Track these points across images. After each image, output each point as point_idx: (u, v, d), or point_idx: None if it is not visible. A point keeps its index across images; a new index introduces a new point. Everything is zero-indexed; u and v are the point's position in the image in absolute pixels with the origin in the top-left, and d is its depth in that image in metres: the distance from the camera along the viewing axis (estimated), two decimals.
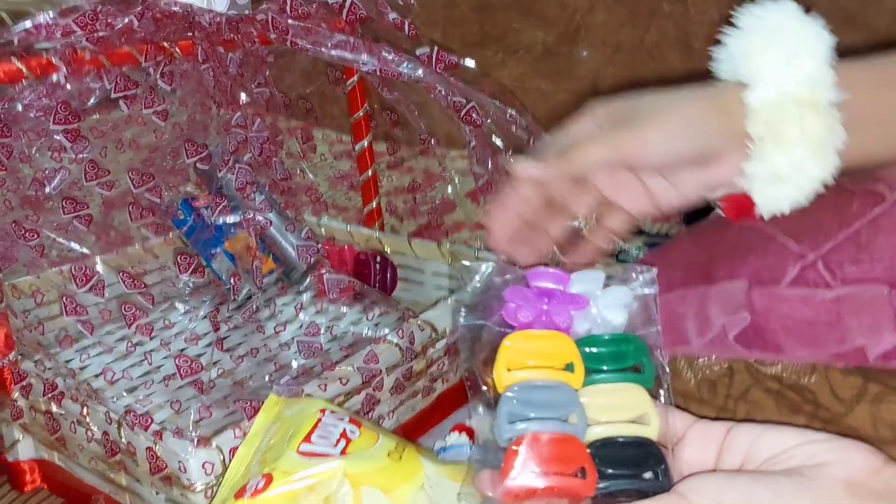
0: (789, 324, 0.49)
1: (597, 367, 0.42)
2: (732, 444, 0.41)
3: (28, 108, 0.66)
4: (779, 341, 0.49)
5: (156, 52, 0.71)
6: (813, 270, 0.50)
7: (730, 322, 0.50)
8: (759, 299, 0.50)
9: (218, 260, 0.86)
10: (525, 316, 0.43)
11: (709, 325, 0.51)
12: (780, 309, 0.49)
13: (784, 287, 0.50)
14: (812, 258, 0.50)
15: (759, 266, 0.52)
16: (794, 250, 0.51)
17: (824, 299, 0.48)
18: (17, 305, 0.77)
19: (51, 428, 0.76)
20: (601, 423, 0.41)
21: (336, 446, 0.62)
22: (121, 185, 0.76)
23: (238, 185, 0.75)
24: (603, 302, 0.44)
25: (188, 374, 0.68)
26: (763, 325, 0.49)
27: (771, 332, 0.49)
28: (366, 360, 0.78)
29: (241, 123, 0.75)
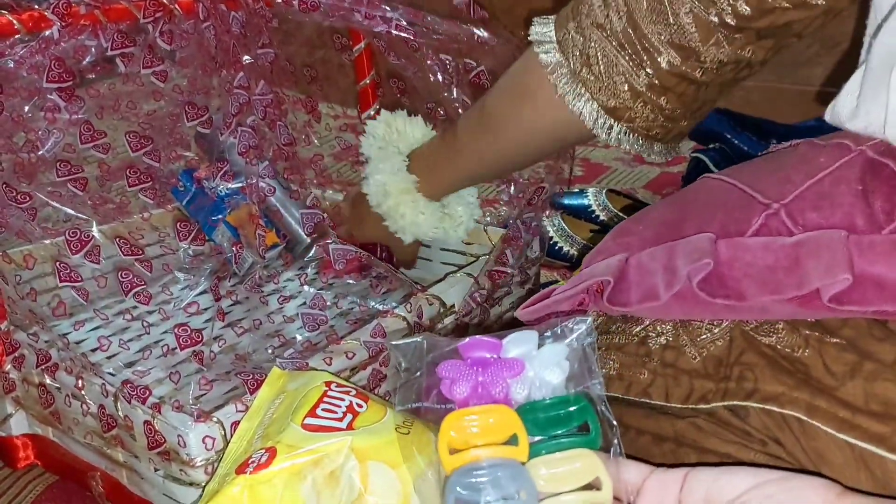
0: (752, 271, 0.49)
1: (542, 434, 0.43)
2: (691, 492, 0.42)
3: (20, 64, 0.63)
4: (741, 288, 0.50)
5: (154, 9, 0.68)
6: (776, 219, 0.51)
7: (693, 269, 0.50)
8: (724, 250, 0.51)
9: (219, 230, 0.84)
10: (461, 391, 0.42)
11: (675, 276, 0.51)
12: (743, 257, 0.50)
13: (748, 237, 0.51)
14: (776, 208, 0.52)
15: (727, 220, 0.53)
16: (761, 202, 0.53)
17: (784, 245, 0.49)
18: (10, 274, 0.75)
19: (44, 401, 0.74)
20: (552, 495, 0.41)
21: (342, 420, 0.60)
22: (118, 149, 0.74)
23: (241, 149, 0.72)
24: (539, 362, 0.44)
25: (188, 345, 0.66)
26: (727, 274, 0.50)
27: (734, 280, 0.50)
28: (372, 333, 0.76)
29: (244, 85, 0.72)
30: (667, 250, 0.53)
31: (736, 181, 0.56)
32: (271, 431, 0.60)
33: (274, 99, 0.76)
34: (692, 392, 0.53)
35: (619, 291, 0.55)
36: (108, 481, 0.74)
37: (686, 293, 0.51)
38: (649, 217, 0.59)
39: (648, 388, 0.56)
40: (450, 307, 0.85)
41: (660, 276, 0.52)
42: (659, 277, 0.52)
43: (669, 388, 0.54)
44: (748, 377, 0.51)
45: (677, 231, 0.54)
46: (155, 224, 0.92)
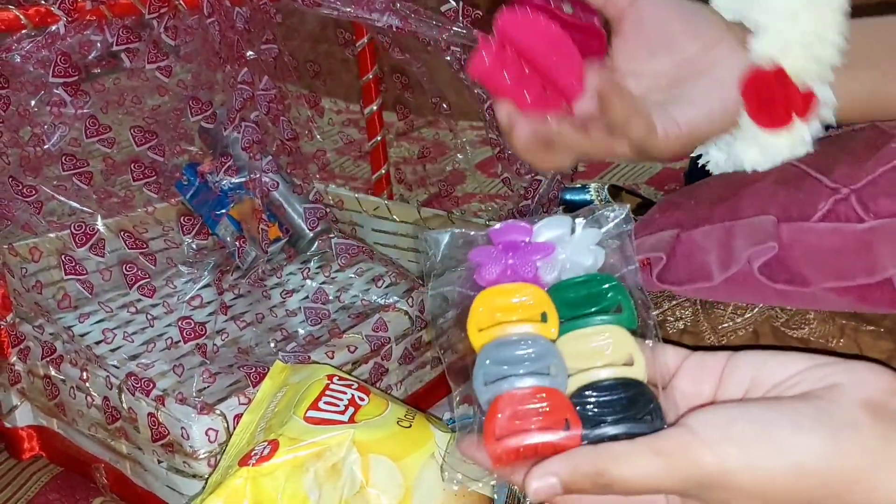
0: (816, 255, 0.47)
1: (572, 314, 0.41)
2: (734, 373, 0.39)
3: (26, 59, 0.63)
4: (804, 272, 0.47)
5: (159, 4, 0.68)
6: (845, 204, 0.48)
7: (755, 252, 0.48)
8: (787, 233, 0.48)
9: (222, 224, 0.84)
10: (490, 273, 0.41)
11: (733, 257, 0.49)
12: (807, 241, 0.47)
13: (814, 222, 0.48)
14: (845, 192, 0.48)
15: (789, 202, 0.50)
16: (827, 185, 0.49)
17: (855, 229, 0.46)
18: (15, 267, 0.75)
19: (49, 393, 0.75)
20: (582, 370, 0.39)
21: (344, 413, 0.60)
22: (122, 144, 0.74)
23: (244, 143, 0.72)
24: (572, 246, 0.42)
25: (191, 338, 0.67)
26: (788, 256, 0.47)
27: (796, 263, 0.47)
28: (374, 327, 0.76)
29: (248, 80, 0.72)
30: (724, 230, 0.50)
31: (799, 162, 0.52)
32: (274, 424, 0.61)
33: (277, 94, 0.77)
34: None
35: (668, 269, 0.52)
36: (112, 473, 0.75)
37: (741, 277, 0.49)
38: (702, 193, 0.55)
39: None
40: (452, 301, 0.85)
41: (714, 255, 0.50)
42: (713, 257, 0.50)
43: None
44: None
45: (734, 210, 0.51)
46: (159, 218, 0.92)
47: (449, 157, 1.27)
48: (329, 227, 0.84)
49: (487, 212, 1.13)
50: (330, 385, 0.63)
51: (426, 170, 1.04)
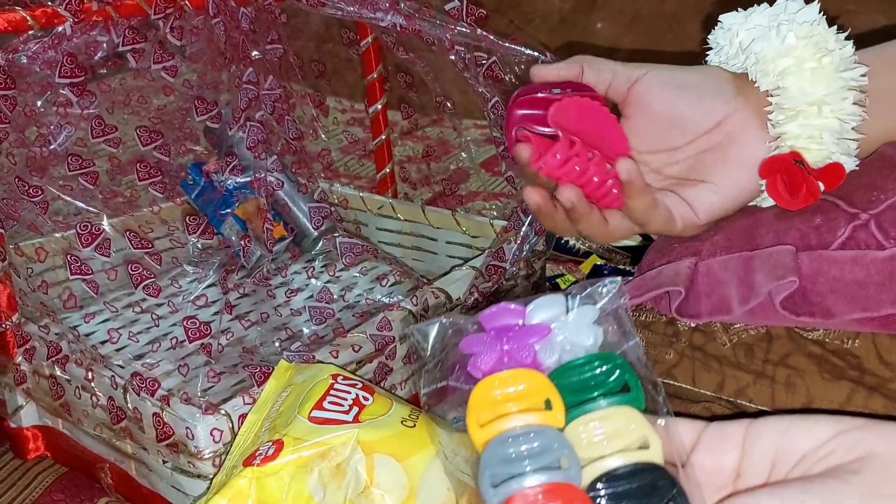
0: (839, 286, 0.46)
1: (578, 398, 0.38)
2: (756, 443, 0.37)
3: (33, 59, 0.64)
4: (828, 305, 0.46)
5: (165, 5, 0.68)
6: (865, 231, 0.47)
7: (777, 288, 0.47)
8: (807, 263, 0.47)
9: (227, 223, 0.84)
10: (485, 362, 0.39)
11: (753, 291, 0.48)
12: (829, 272, 0.46)
13: (834, 249, 0.47)
14: (865, 218, 0.48)
15: (807, 229, 0.49)
16: (846, 211, 0.49)
17: (876, 258, 0.46)
18: (21, 267, 0.75)
19: (55, 393, 0.75)
20: (595, 458, 0.36)
21: (348, 413, 0.60)
22: (127, 143, 0.74)
23: (249, 143, 0.72)
24: (569, 327, 0.40)
25: (196, 337, 0.67)
26: (811, 289, 0.47)
27: (819, 296, 0.46)
28: (379, 326, 0.76)
29: (253, 80, 0.72)
30: (742, 261, 0.50)
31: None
32: (278, 424, 0.61)
33: (282, 94, 0.77)
34: (724, 381, 0.51)
35: (688, 301, 0.52)
36: (117, 473, 0.75)
37: (762, 309, 0.48)
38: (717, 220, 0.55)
39: (673, 369, 0.53)
40: (456, 300, 0.85)
41: (734, 289, 0.49)
42: (733, 290, 0.49)
43: (697, 372, 0.52)
44: (798, 385, 0.48)
45: (751, 238, 0.51)
46: (164, 218, 0.92)
47: (453, 155, 1.27)
48: (334, 225, 0.84)
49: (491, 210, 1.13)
50: (335, 385, 0.63)
51: (430, 168, 1.04)
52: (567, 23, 1.72)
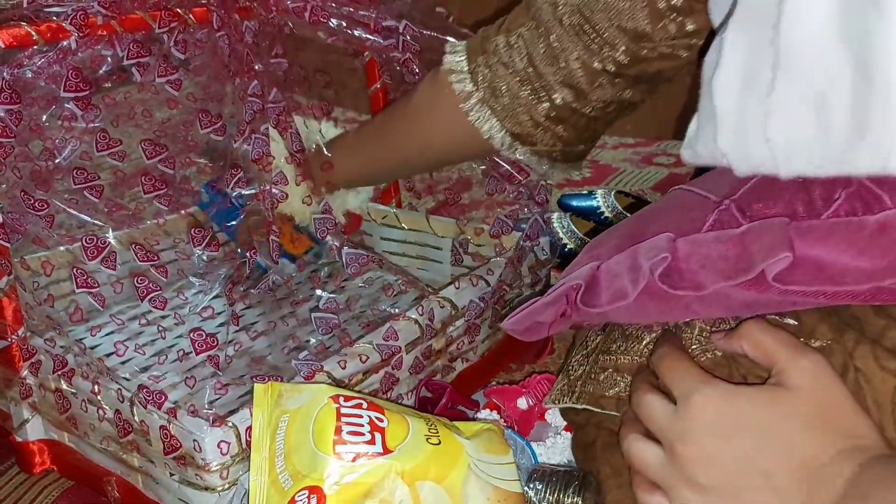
0: (707, 262, 0.53)
1: None
2: None
3: (38, 74, 0.64)
4: (698, 278, 0.53)
5: (170, 19, 0.68)
6: (727, 213, 0.55)
7: (654, 263, 0.53)
8: (682, 246, 0.54)
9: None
10: None
11: (639, 272, 0.54)
12: (699, 251, 0.53)
13: (703, 232, 0.55)
14: (726, 204, 0.55)
15: (683, 220, 0.57)
16: (713, 200, 0.57)
17: (732, 235, 0.53)
18: (27, 281, 0.75)
19: (61, 407, 0.75)
20: None
21: (373, 442, 0.58)
22: (132, 157, 0.74)
23: (254, 155, 0.72)
24: None
25: (203, 350, 0.66)
26: (685, 268, 0.53)
27: (691, 272, 0.53)
28: (385, 336, 0.76)
29: (258, 93, 0.73)
30: (630, 253, 0.57)
31: (693, 187, 0.61)
32: (297, 463, 0.59)
33: (286, 106, 0.77)
34: None
35: (592, 296, 0.58)
36: (124, 486, 0.75)
37: (653, 289, 0.54)
38: (618, 229, 0.63)
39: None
40: (461, 309, 0.85)
41: (626, 277, 0.56)
42: (625, 277, 0.56)
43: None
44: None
45: (641, 237, 0.58)
46: (169, 230, 0.92)
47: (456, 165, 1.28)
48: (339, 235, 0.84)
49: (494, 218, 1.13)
50: (341, 409, 0.60)
51: (434, 177, 1.04)
52: None
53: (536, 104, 0.76)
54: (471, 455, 0.61)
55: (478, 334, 0.89)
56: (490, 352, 0.92)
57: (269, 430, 0.62)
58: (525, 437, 0.78)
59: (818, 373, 0.49)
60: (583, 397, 0.62)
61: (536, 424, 0.83)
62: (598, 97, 0.75)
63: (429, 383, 0.82)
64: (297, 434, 0.60)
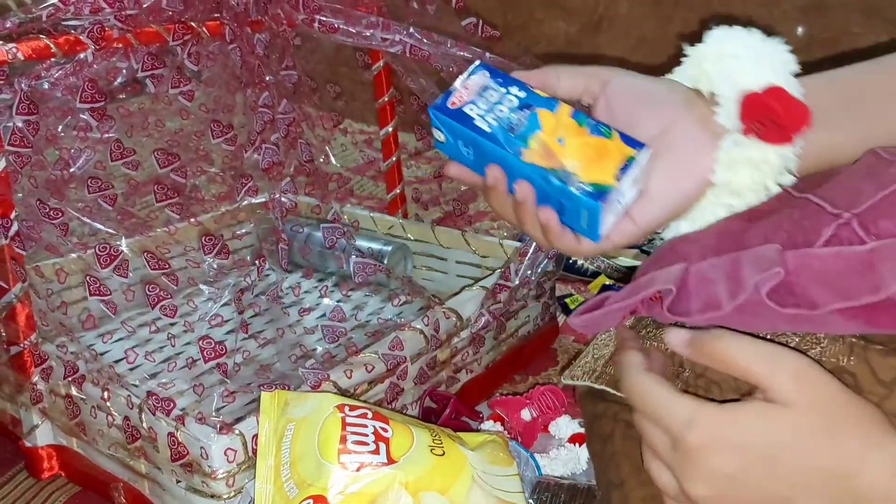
0: (822, 277, 0.48)
1: None
2: None
3: (55, 86, 0.65)
4: (811, 296, 0.48)
5: (183, 32, 0.70)
6: (847, 229, 0.49)
7: (762, 279, 0.48)
8: (792, 260, 0.49)
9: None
10: None
11: (741, 285, 0.50)
12: (812, 265, 0.48)
13: (818, 247, 0.49)
14: (847, 217, 0.50)
15: (794, 230, 0.51)
16: (830, 212, 0.51)
17: (857, 251, 0.47)
18: (41, 287, 0.76)
19: (70, 412, 0.75)
20: None
21: (377, 452, 0.59)
22: (145, 166, 0.75)
23: (264, 165, 0.73)
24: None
25: (212, 357, 0.67)
26: (795, 282, 0.48)
27: (803, 288, 0.48)
28: (390, 346, 0.77)
29: (268, 103, 0.74)
30: (730, 260, 0.52)
31: (801, 192, 0.54)
32: (302, 471, 0.59)
33: (295, 117, 0.78)
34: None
35: (679, 301, 0.53)
36: (131, 492, 0.75)
37: (750, 304, 0.49)
38: (710, 228, 0.57)
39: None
40: (466, 320, 0.86)
41: (723, 286, 0.51)
42: (722, 287, 0.51)
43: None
44: None
45: (740, 241, 0.53)
46: (179, 238, 0.93)
47: None
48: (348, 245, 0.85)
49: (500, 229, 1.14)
50: (346, 419, 0.60)
51: (441, 188, 1.05)
52: (573, 45, 1.73)
53: None
54: (475, 466, 0.61)
55: (482, 346, 0.89)
56: (494, 363, 0.93)
57: (275, 439, 0.62)
58: (529, 448, 0.78)
59: (804, 381, 0.45)
60: (602, 378, 0.58)
61: (540, 436, 0.83)
62: None
63: (433, 394, 0.83)
64: (302, 443, 0.61)
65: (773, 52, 0.54)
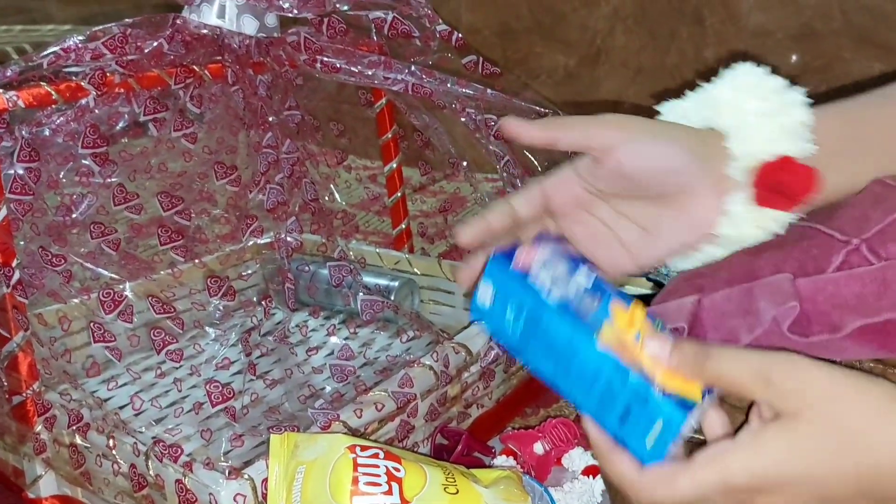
0: (838, 301, 0.48)
1: None
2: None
3: (56, 132, 0.65)
4: (832, 319, 0.48)
5: (185, 75, 0.70)
6: (857, 254, 0.50)
7: (781, 313, 0.49)
8: (804, 287, 0.50)
9: None
10: None
11: (758, 319, 0.50)
12: (826, 289, 0.49)
13: (829, 273, 0.50)
14: (856, 243, 0.51)
15: (804, 258, 0.52)
16: (839, 239, 0.52)
17: (869, 270, 0.48)
18: (44, 335, 0.75)
19: (75, 462, 0.74)
20: None
21: (391, 492, 0.58)
22: (148, 209, 0.75)
23: (269, 205, 0.73)
24: None
25: (220, 402, 0.66)
26: (812, 309, 0.49)
27: (822, 314, 0.49)
28: (400, 384, 0.76)
29: (272, 144, 0.74)
30: (744, 292, 0.51)
31: (814, 223, 0.54)
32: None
33: (299, 156, 0.78)
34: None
35: (695, 337, 0.53)
36: None
37: (768, 337, 0.50)
38: (724, 260, 0.57)
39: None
40: (476, 355, 0.85)
41: (738, 320, 0.51)
42: (737, 320, 0.51)
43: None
44: None
45: (751, 272, 0.52)
46: (183, 280, 0.93)
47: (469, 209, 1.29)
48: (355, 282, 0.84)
49: None
50: (358, 459, 0.60)
51: (447, 221, 1.05)
52: (573, 77, 1.74)
53: None
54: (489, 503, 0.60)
55: (493, 380, 0.88)
56: (505, 397, 0.91)
57: (286, 482, 0.61)
58: (542, 482, 0.77)
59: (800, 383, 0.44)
60: None
61: (553, 469, 0.82)
62: None
63: (444, 430, 0.81)
64: (313, 485, 0.60)
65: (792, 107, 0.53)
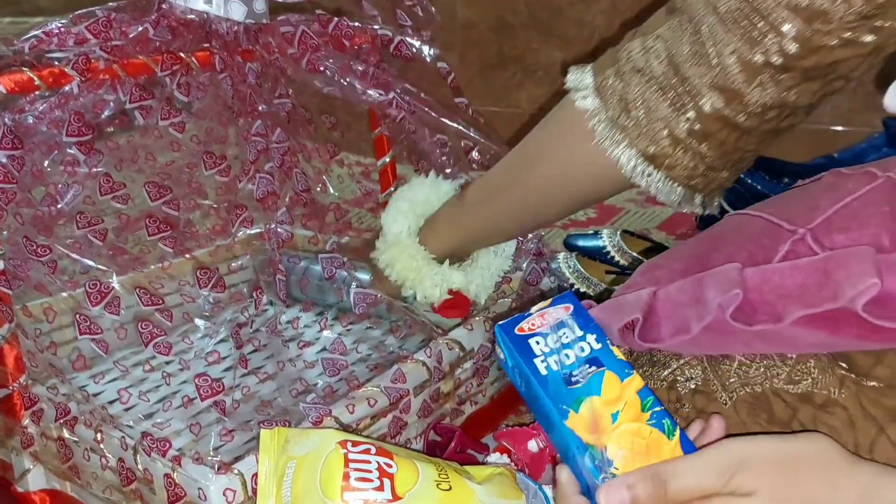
0: (783, 291, 0.49)
1: None
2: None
3: (40, 119, 0.64)
4: (776, 309, 0.49)
5: (172, 62, 0.69)
6: (803, 244, 0.51)
7: (724, 301, 0.50)
8: (752, 276, 0.50)
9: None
10: None
11: (706, 307, 0.51)
12: (772, 279, 0.50)
13: (775, 263, 0.51)
14: (802, 233, 0.52)
15: (754, 249, 0.53)
16: (787, 229, 0.53)
17: (812, 261, 0.49)
18: (29, 328, 0.74)
19: (63, 456, 0.73)
20: None
21: (382, 488, 0.57)
22: (136, 200, 0.74)
23: (259, 195, 0.72)
24: None
25: (209, 396, 0.65)
26: (758, 299, 0.50)
27: (767, 303, 0.50)
28: (393, 379, 0.75)
29: (262, 132, 0.72)
30: (694, 282, 0.52)
31: (761, 213, 0.56)
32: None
33: (290, 147, 0.77)
34: None
35: (650, 327, 0.54)
36: None
37: (718, 325, 0.50)
38: (678, 251, 0.59)
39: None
40: (469, 351, 0.84)
41: (690, 309, 0.52)
42: (689, 310, 0.52)
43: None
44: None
45: (705, 263, 0.54)
46: (173, 273, 0.91)
47: None
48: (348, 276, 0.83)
49: None
50: (349, 455, 0.59)
51: None
52: None
53: (678, 115, 0.65)
54: (482, 500, 0.59)
55: (486, 377, 0.87)
56: (499, 394, 0.91)
57: (276, 477, 0.61)
58: (537, 480, 0.76)
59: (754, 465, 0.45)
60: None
61: (548, 467, 0.81)
62: (757, 100, 0.62)
63: (437, 427, 0.80)
64: (304, 481, 0.59)
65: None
